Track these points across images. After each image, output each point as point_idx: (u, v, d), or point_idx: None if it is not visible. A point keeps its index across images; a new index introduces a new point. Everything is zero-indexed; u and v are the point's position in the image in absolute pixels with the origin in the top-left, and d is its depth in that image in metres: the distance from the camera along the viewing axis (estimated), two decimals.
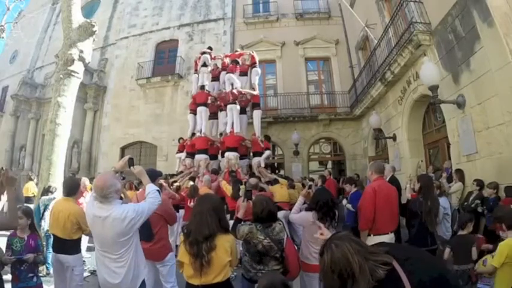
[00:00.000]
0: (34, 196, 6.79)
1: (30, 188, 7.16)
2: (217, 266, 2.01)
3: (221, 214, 2.18)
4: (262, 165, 7.69)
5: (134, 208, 2.15)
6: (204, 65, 9.76)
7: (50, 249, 4.49)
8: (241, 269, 2.68)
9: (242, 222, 2.60)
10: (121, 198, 2.42)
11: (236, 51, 10.08)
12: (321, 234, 1.77)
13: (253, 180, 4.91)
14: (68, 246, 3.15)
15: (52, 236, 3.38)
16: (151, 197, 2.26)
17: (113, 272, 2.13)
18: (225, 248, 2.06)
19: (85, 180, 5.86)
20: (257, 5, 14.35)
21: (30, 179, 7.39)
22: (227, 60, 9.51)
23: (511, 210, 2.81)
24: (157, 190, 2.34)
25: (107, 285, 2.17)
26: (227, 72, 8.91)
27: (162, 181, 5.08)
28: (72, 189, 3.39)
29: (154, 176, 3.16)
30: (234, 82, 8.43)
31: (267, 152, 7.97)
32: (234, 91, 8.23)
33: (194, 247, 2.00)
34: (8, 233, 2.85)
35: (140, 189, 6.35)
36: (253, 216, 2.53)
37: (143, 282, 2.28)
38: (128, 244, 2.13)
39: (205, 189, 5.66)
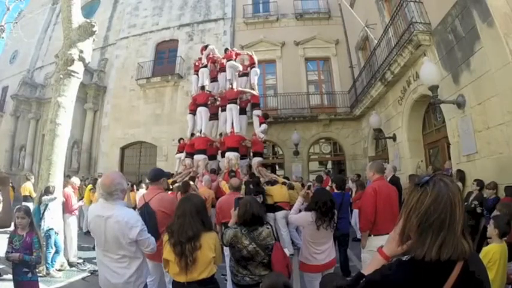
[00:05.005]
0: (31, 196, 6.79)
1: (28, 188, 7.17)
2: (202, 263, 2.05)
3: (204, 215, 2.19)
4: (261, 136, 8.15)
5: (139, 220, 2.17)
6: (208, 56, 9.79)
7: (50, 249, 4.51)
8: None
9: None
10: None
11: (232, 50, 9.98)
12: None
13: (234, 181, 4.26)
14: None
15: None
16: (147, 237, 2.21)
17: (113, 272, 2.13)
18: (209, 245, 2.10)
19: (75, 180, 5.91)
20: (257, 5, 14.35)
21: (27, 179, 7.40)
22: (225, 61, 9.49)
23: (503, 216, 2.78)
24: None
25: (108, 285, 2.17)
26: (228, 60, 8.92)
27: (191, 183, 5.14)
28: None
29: (160, 175, 3.15)
30: (236, 68, 8.60)
31: (263, 126, 8.39)
32: (234, 90, 8.24)
33: (178, 247, 2.03)
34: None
35: (140, 190, 6.39)
36: (238, 219, 2.47)
37: (145, 285, 2.27)
38: (129, 246, 2.12)
39: (205, 190, 5.65)
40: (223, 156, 7.86)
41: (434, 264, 0.87)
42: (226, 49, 9.78)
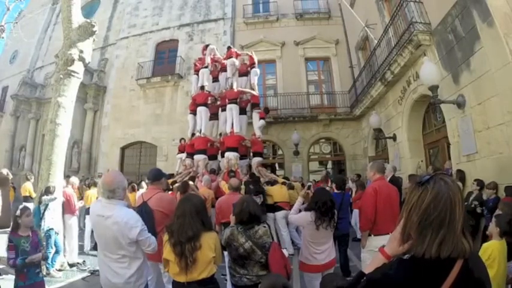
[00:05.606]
0: (31, 196, 6.78)
1: (27, 188, 7.17)
2: (202, 263, 2.05)
3: (203, 215, 2.18)
4: (257, 133, 8.14)
5: (139, 220, 2.15)
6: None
7: (50, 249, 4.51)
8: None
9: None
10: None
11: (229, 47, 9.97)
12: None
13: (234, 181, 4.26)
14: None
15: None
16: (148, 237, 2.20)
17: (114, 272, 2.14)
18: (209, 245, 2.10)
19: (74, 180, 5.92)
20: (257, 5, 14.35)
21: (27, 179, 7.40)
22: (226, 62, 9.49)
23: (504, 215, 2.77)
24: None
25: (109, 284, 2.17)
26: (228, 58, 8.97)
27: (191, 183, 5.09)
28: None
29: (159, 176, 3.17)
30: (234, 64, 8.62)
31: (261, 121, 8.45)
32: (234, 89, 8.25)
33: (178, 247, 2.03)
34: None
35: (140, 190, 6.39)
36: (236, 218, 2.48)
37: (146, 286, 2.27)
38: (129, 246, 2.12)
39: (205, 190, 5.66)
40: (223, 156, 7.85)
41: (434, 262, 0.87)
42: (229, 47, 9.80)
